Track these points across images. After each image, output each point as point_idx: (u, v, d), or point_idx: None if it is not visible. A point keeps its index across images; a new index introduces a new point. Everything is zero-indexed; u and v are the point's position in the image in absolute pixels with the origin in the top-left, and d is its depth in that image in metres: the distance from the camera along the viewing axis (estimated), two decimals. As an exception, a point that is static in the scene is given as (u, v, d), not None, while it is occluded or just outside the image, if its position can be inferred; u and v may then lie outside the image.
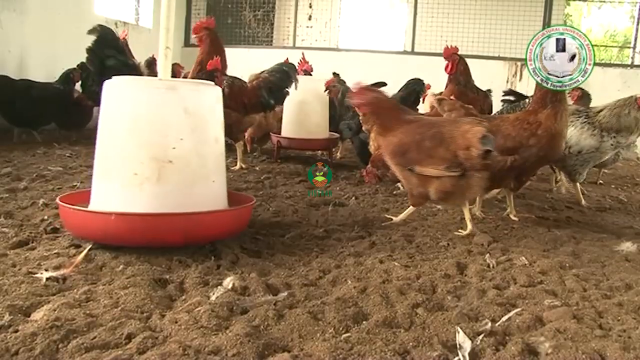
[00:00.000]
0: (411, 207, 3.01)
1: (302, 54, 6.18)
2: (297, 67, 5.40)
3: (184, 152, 2.29)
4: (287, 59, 5.49)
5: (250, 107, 4.51)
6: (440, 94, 4.66)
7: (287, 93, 4.80)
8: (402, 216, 3.06)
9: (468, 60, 4.78)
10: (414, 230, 2.91)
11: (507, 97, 4.78)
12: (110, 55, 3.46)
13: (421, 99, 5.11)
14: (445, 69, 4.70)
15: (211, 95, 2.48)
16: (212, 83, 2.59)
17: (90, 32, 3.65)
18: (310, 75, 5.92)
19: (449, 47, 4.70)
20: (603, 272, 2.35)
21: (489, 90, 4.96)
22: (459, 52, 4.74)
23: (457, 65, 4.63)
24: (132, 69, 2.94)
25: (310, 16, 11.58)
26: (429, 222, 3.12)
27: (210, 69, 4.14)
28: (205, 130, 2.42)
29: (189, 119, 2.32)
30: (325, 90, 5.23)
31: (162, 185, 2.25)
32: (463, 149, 2.63)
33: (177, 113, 2.30)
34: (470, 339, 1.56)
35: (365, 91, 3.02)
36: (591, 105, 5.34)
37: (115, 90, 2.38)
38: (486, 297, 1.94)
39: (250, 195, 2.96)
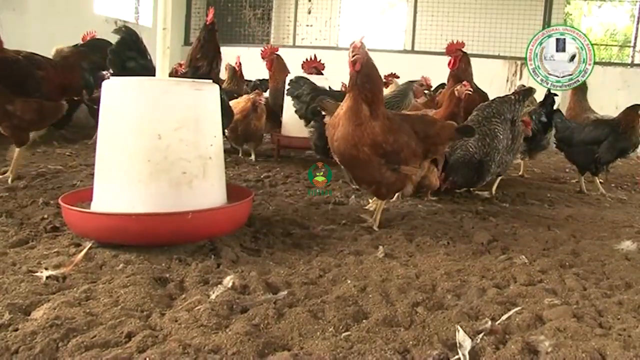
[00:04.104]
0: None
1: (315, 56, 5.97)
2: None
3: (217, 148, 2.50)
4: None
5: None
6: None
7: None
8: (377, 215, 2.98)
9: (468, 59, 4.77)
10: (414, 229, 2.90)
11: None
12: (131, 57, 3.38)
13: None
14: (448, 65, 4.68)
15: (218, 93, 2.61)
16: (211, 81, 2.60)
17: (114, 31, 3.56)
18: (322, 74, 5.71)
19: (454, 42, 4.67)
20: (603, 270, 2.35)
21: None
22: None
23: (459, 61, 4.61)
24: (151, 73, 2.88)
25: (310, 10, 11.53)
26: (429, 221, 3.12)
27: (210, 22, 3.87)
28: (220, 126, 2.60)
29: (215, 116, 2.52)
30: None
31: (207, 180, 2.41)
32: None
33: (211, 112, 2.49)
34: (471, 338, 1.57)
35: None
36: (589, 99, 5.35)
37: (151, 93, 2.32)
38: (486, 296, 1.94)
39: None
